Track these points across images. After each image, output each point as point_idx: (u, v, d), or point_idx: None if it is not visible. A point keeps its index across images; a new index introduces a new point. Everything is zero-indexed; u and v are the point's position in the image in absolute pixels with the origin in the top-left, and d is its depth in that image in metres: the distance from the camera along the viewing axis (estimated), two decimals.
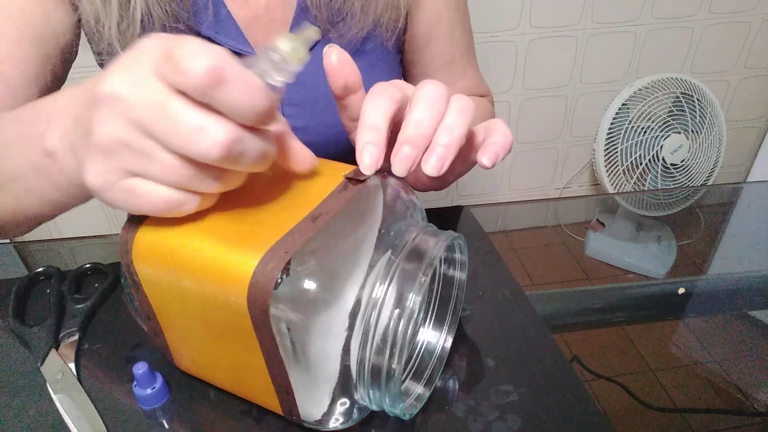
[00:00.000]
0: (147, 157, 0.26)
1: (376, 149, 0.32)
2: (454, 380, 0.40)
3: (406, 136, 0.33)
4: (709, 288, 0.52)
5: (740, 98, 1.65)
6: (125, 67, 0.26)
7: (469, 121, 0.34)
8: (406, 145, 0.32)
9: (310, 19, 0.56)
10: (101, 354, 0.42)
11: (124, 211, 0.30)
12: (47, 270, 0.49)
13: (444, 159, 0.33)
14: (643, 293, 0.51)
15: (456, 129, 0.33)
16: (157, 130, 0.25)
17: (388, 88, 0.34)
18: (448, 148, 0.33)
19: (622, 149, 1.47)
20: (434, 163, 0.33)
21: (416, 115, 0.33)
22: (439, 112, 0.33)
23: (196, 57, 0.24)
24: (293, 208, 0.32)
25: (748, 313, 0.49)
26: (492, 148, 0.36)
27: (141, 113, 0.25)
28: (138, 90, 0.25)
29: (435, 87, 0.34)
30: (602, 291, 0.52)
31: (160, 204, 0.28)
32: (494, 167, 0.41)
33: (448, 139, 0.33)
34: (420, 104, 0.33)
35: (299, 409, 0.32)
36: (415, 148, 0.33)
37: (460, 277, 0.40)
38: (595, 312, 0.49)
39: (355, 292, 0.31)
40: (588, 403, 0.38)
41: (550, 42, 1.44)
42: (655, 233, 0.60)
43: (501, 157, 0.36)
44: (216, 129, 0.25)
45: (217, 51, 0.24)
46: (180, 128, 0.25)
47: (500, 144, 0.36)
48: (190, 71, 0.24)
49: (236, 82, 0.24)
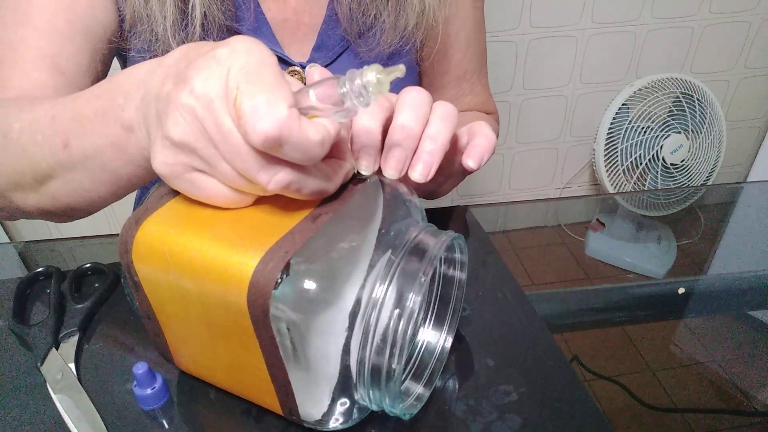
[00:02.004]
0: (211, 165, 0.29)
1: (373, 150, 0.33)
2: (454, 380, 0.40)
3: (394, 139, 0.34)
4: (709, 288, 0.52)
5: (740, 98, 1.65)
6: (205, 78, 0.27)
7: (452, 128, 0.35)
8: (396, 148, 0.34)
9: (340, 28, 0.56)
10: (101, 354, 0.42)
11: (124, 211, 0.30)
12: (47, 270, 0.49)
13: (430, 165, 0.34)
14: (643, 293, 0.51)
15: (440, 136, 0.34)
16: (223, 150, 0.28)
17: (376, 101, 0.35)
18: (433, 154, 0.34)
19: (622, 149, 1.47)
20: (421, 170, 0.34)
21: (402, 119, 0.34)
22: (424, 115, 0.35)
23: (259, 120, 0.25)
24: (293, 208, 0.32)
25: (748, 313, 0.49)
26: (476, 150, 0.38)
27: (212, 130, 0.27)
28: (213, 108, 0.27)
29: (418, 93, 0.35)
30: (602, 291, 0.52)
31: (220, 200, 0.31)
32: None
33: (432, 146, 0.34)
34: (405, 109, 0.34)
35: (299, 409, 0.32)
36: (404, 150, 0.34)
37: (460, 277, 0.40)
38: (595, 312, 0.49)
39: (355, 292, 0.31)
40: (588, 403, 0.38)
41: (550, 42, 1.44)
42: (655, 233, 0.60)
43: (486, 159, 0.38)
44: (273, 170, 0.28)
45: (281, 110, 0.25)
46: (243, 159, 0.27)
47: (484, 146, 0.38)
48: (251, 132, 0.26)
49: (293, 144, 0.26)
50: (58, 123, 0.37)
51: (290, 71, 0.56)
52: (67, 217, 0.44)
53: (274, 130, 0.25)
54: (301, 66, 0.56)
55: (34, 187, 0.40)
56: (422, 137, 0.35)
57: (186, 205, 0.33)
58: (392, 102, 0.36)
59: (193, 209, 0.32)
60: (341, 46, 0.57)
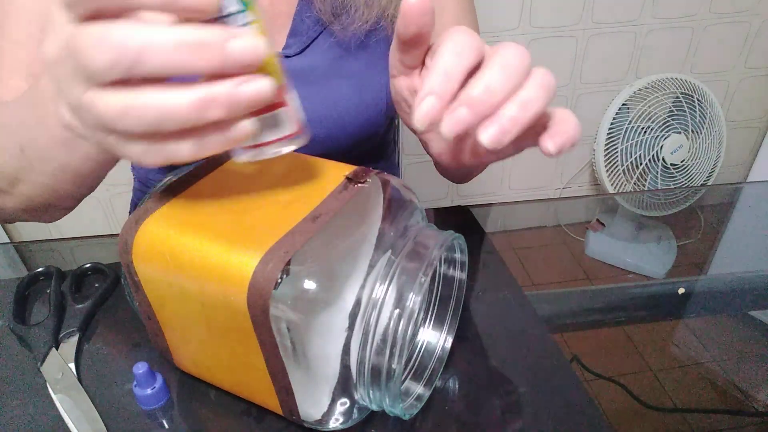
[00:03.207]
0: (90, 112, 0.26)
1: (438, 103, 0.28)
2: (454, 380, 0.40)
3: (470, 96, 0.28)
4: (709, 288, 0.52)
5: (740, 98, 1.65)
6: (44, 34, 0.27)
7: (548, 102, 0.30)
8: (465, 107, 0.28)
9: (314, 10, 0.56)
10: (101, 354, 0.42)
11: (124, 211, 0.30)
12: (47, 270, 0.49)
13: (507, 133, 0.28)
14: (643, 293, 0.51)
15: (532, 105, 0.29)
16: (78, 74, 0.25)
17: (475, 37, 0.30)
18: (516, 122, 0.28)
19: (622, 149, 1.47)
20: (494, 134, 0.28)
21: (488, 78, 0.28)
22: (515, 83, 0.29)
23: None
24: (293, 208, 0.32)
25: (748, 313, 0.49)
26: (562, 136, 0.31)
27: (64, 67, 0.26)
28: (56, 46, 0.26)
29: (519, 53, 0.29)
30: (602, 291, 0.52)
31: (134, 156, 0.27)
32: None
33: (520, 113, 0.28)
34: (496, 67, 0.29)
35: (299, 409, 0.32)
36: (474, 113, 0.28)
37: (460, 277, 0.40)
38: (595, 312, 0.49)
39: (355, 292, 0.31)
40: (588, 403, 0.38)
41: (550, 42, 1.44)
42: (655, 233, 0.60)
43: (567, 149, 0.32)
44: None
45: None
46: (84, 56, 0.24)
47: (570, 135, 0.31)
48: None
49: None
50: (11, 130, 0.38)
51: None
52: (49, 215, 0.45)
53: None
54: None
55: (8, 190, 0.41)
56: (511, 99, 0.29)
57: (186, 205, 0.33)
58: (484, 50, 0.30)
59: (193, 209, 0.32)
60: (316, 30, 0.56)
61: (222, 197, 0.33)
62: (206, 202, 0.33)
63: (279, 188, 0.34)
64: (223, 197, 0.33)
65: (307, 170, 0.36)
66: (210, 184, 0.35)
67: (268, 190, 0.34)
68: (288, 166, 0.36)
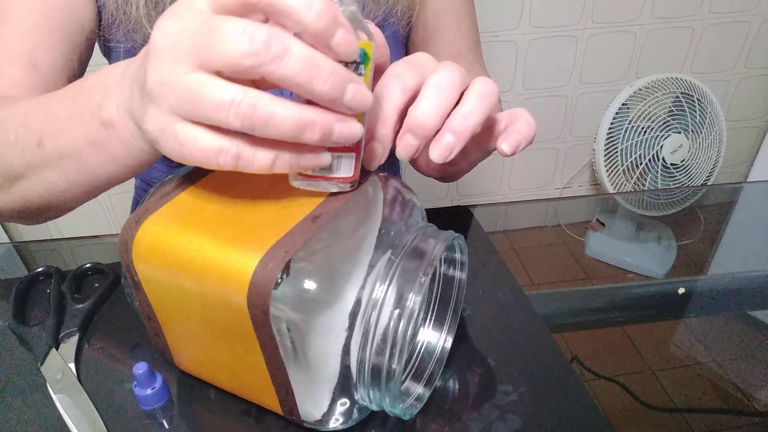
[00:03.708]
0: (190, 93, 0.26)
1: (381, 146, 0.32)
2: (454, 380, 0.40)
3: (410, 124, 0.32)
4: (709, 288, 0.52)
5: (740, 98, 1.65)
6: (169, 15, 0.27)
7: (489, 108, 0.33)
8: (409, 134, 0.32)
9: None
10: (101, 354, 0.42)
11: (124, 211, 0.30)
12: (47, 270, 0.49)
13: (452, 147, 0.32)
14: (643, 293, 0.51)
15: (472, 117, 0.32)
16: (202, 52, 0.25)
17: (401, 74, 0.33)
18: (459, 135, 0.32)
19: (622, 149, 1.47)
20: (440, 151, 0.32)
21: (423, 103, 0.32)
22: (449, 101, 0.32)
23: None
24: (293, 208, 0.32)
25: (748, 313, 0.49)
26: (514, 135, 0.34)
27: (184, 42, 0.26)
28: (183, 23, 0.26)
29: (449, 73, 0.32)
30: (602, 291, 0.52)
31: (200, 153, 0.27)
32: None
33: (460, 127, 0.32)
34: (428, 90, 0.32)
35: (299, 409, 0.32)
36: (417, 137, 0.32)
37: (460, 277, 0.40)
38: (595, 312, 0.49)
39: (355, 292, 0.31)
40: (588, 403, 0.38)
41: (550, 42, 1.44)
42: (655, 233, 0.60)
43: (522, 146, 0.35)
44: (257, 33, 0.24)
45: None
46: (223, 38, 0.25)
47: (523, 132, 0.35)
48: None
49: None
50: (32, 122, 0.37)
51: None
52: (35, 219, 0.44)
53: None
54: None
55: (4, 187, 0.40)
56: (452, 113, 0.32)
57: (186, 205, 0.33)
58: (424, 74, 0.33)
59: (193, 209, 0.32)
60: None
61: (222, 197, 0.33)
62: (207, 202, 0.33)
63: (279, 188, 0.34)
64: (223, 197, 0.33)
65: None
66: (210, 183, 0.35)
67: (269, 190, 0.34)
68: None
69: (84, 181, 0.36)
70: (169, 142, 0.28)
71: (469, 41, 0.66)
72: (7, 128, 0.38)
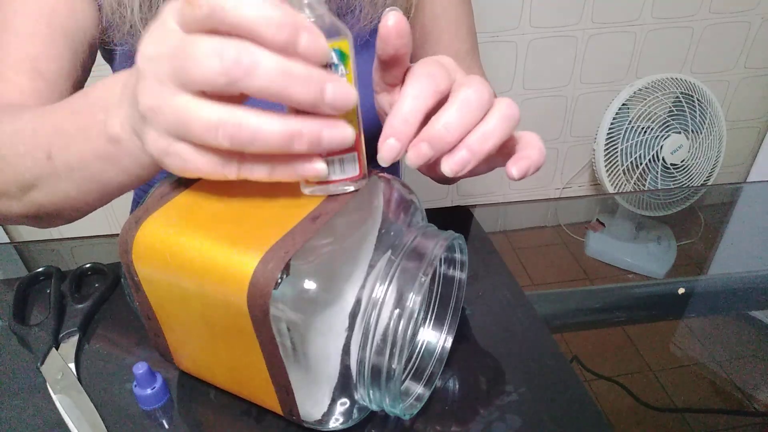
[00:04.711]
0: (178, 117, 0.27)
1: (399, 145, 0.31)
2: (454, 380, 0.40)
3: (430, 134, 0.31)
4: (709, 288, 0.52)
5: (740, 98, 1.65)
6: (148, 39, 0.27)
7: (510, 131, 0.32)
8: (425, 144, 0.31)
9: None
10: (101, 354, 0.42)
11: (124, 211, 0.30)
12: (47, 270, 0.49)
13: (466, 163, 0.31)
14: (643, 293, 0.51)
15: (491, 139, 0.31)
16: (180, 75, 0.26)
17: (436, 75, 0.32)
18: (475, 154, 0.31)
19: (622, 149, 1.47)
20: (453, 166, 0.31)
21: (447, 117, 0.31)
22: (474, 119, 0.32)
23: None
24: (293, 208, 0.32)
25: (748, 313, 0.49)
26: (524, 162, 0.34)
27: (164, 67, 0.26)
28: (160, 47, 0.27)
29: (479, 92, 0.32)
30: (602, 291, 0.52)
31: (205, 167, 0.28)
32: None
33: (479, 146, 0.31)
34: (455, 106, 0.31)
35: (299, 409, 0.32)
36: (434, 149, 0.31)
37: (460, 277, 0.40)
38: (595, 312, 0.49)
39: (355, 292, 0.31)
40: (588, 403, 0.38)
41: (550, 42, 1.44)
42: (655, 233, 0.60)
43: (530, 173, 0.34)
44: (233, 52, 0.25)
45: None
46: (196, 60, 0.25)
47: (533, 159, 0.34)
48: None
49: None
50: (40, 136, 0.37)
51: None
52: (50, 223, 0.44)
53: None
54: None
55: (17, 196, 0.40)
56: (472, 132, 0.31)
57: (186, 205, 0.33)
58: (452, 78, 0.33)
59: (193, 209, 0.32)
60: None
61: (222, 197, 0.33)
62: (206, 202, 0.33)
63: (279, 188, 0.34)
64: (223, 197, 0.33)
65: None
66: (210, 183, 0.35)
67: (269, 190, 0.34)
68: None
69: (96, 189, 0.37)
70: (174, 162, 0.29)
71: (467, 43, 0.66)
72: (15, 141, 0.38)
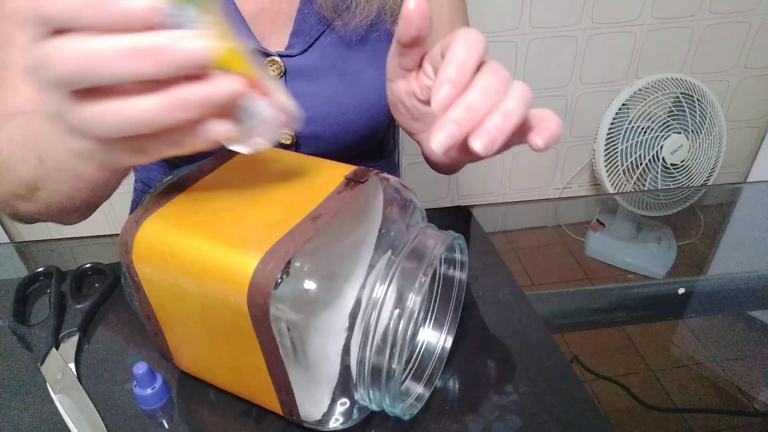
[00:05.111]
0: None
1: (453, 90, 0.31)
2: (454, 380, 0.40)
3: (457, 115, 0.31)
4: (709, 288, 0.52)
5: (740, 98, 1.65)
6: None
7: (527, 111, 0.34)
8: (454, 124, 0.31)
9: (315, 8, 0.56)
10: (101, 354, 0.42)
11: (124, 211, 0.30)
12: (47, 270, 0.49)
13: (495, 140, 0.32)
14: (643, 293, 0.51)
15: (513, 115, 0.32)
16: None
17: (480, 35, 0.33)
18: (502, 131, 0.32)
19: (622, 149, 1.47)
20: (485, 142, 0.32)
21: (472, 98, 0.32)
22: (497, 100, 0.32)
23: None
24: (293, 208, 0.32)
25: (748, 313, 0.49)
26: (547, 132, 0.35)
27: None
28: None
29: (500, 74, 0.33)
30: (602, 291, 0.52)
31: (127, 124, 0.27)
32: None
33: (503, 123, 0.32)
34: (478, 87, 0.32)
35: (299, 409, 0.32)
36: (461, 130, 0.31)
37: (460, 277, 0.40)
38: (595, 312, 0.49)
39: (355, 292, 0.31)
40: (588, 403, 0.38)
41: (550, 42, 1.44)
42: (655, 233, 0.60)
43: (552, 143, 0.36)
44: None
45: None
46: (46, 66, 0.25)
47: (553, 131, 0.35)
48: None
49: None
50: (28, 140, 0.38)
51: (269, 62, 0.56)
52: (66, 220, 0.46)
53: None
54: (280, 55, 0.56)
55: (28, 196, 0.42)
56: (496, 110, 0.32)
57: (186, 205, 0.33)
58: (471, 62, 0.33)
59: (193, 209, 0.32)
60: (318, 30, 0.57)
61: (222, 197, 0.33)
62: (206, 202, 0.33)
63: (279, 188, 0.34)
64: (223, 197, 0.33)
65: (306, 170, 0.36)
66: (210, 183, 0.35)
67: (268, 190, 0.34)
68: (288, 166, 0.37)
69: (84, 185, 0.38)
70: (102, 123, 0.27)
71: None
72: (13, 147, 0.40)
